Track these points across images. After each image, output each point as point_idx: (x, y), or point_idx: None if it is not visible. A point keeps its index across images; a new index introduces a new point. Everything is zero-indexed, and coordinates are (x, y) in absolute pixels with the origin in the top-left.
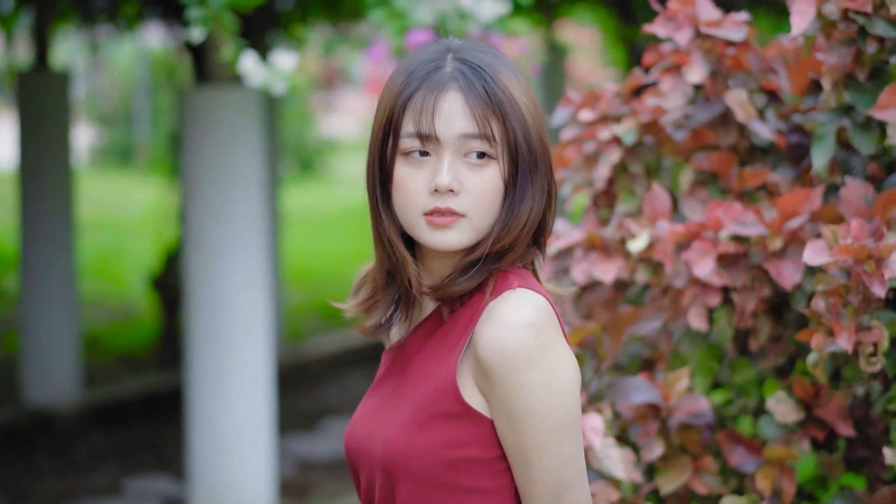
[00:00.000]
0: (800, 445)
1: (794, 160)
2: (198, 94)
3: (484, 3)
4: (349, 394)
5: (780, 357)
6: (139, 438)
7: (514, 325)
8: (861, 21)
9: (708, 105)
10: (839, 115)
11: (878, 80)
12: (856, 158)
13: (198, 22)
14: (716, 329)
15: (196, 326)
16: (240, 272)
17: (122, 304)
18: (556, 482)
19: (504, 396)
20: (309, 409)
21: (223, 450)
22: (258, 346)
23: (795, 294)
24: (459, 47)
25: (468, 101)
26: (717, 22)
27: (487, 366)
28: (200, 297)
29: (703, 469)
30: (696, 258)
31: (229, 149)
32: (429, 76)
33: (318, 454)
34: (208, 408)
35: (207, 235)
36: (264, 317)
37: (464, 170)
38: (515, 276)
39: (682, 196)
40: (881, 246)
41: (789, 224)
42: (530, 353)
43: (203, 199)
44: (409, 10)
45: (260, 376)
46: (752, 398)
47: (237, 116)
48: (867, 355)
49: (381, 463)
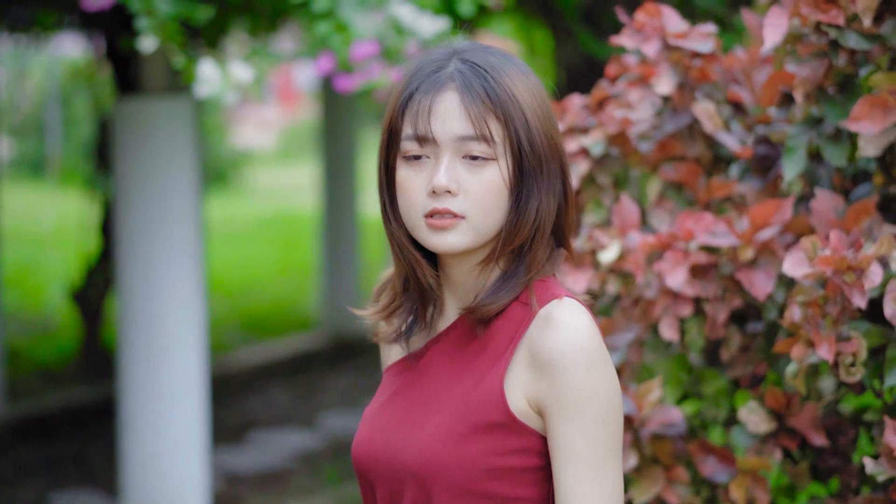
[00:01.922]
0: (772, 455)
1: (761, 171)
2: (130, 105)
3: (423, 19)
4: (274, 406)
5: (749, 367)
6: (65, 453)
7: (579, 329)
8: (833, 34)
9: (675, 116)
10: (809, 127)
11: (847, 93)
12: (822, 170)
13: (147, 31)
14: (687, 339)
15: (128, 339)
16: (173, 285)
17: (40, 317)
18: (598, 471)
19: (565, 394)
20: (235, 422)
21: (155, 464)
22: (191, 359)
23: (767, 304)
24: (466, 48)
25: (464, 101)
26: (684, 34)
27: (550, 367)
28: (132, 309)
29: (675, 480)
30: (668, 269)
31: (163, 160)
32: (428, 77)
33: (246, 467)
34: (140, 421)
35: (140, 248)
36: (196, 329)
37: (463, 171)
38: (553, 285)
39: (649, 207)
40: (860, 257)
41: (760, 235)
42: (592, 354)
43: (135, 211)
44: (351, 23)
45: (193, 389)
46: (721, 408)
47: (171, 127)
48: (847, 366)
49: (414, 474)
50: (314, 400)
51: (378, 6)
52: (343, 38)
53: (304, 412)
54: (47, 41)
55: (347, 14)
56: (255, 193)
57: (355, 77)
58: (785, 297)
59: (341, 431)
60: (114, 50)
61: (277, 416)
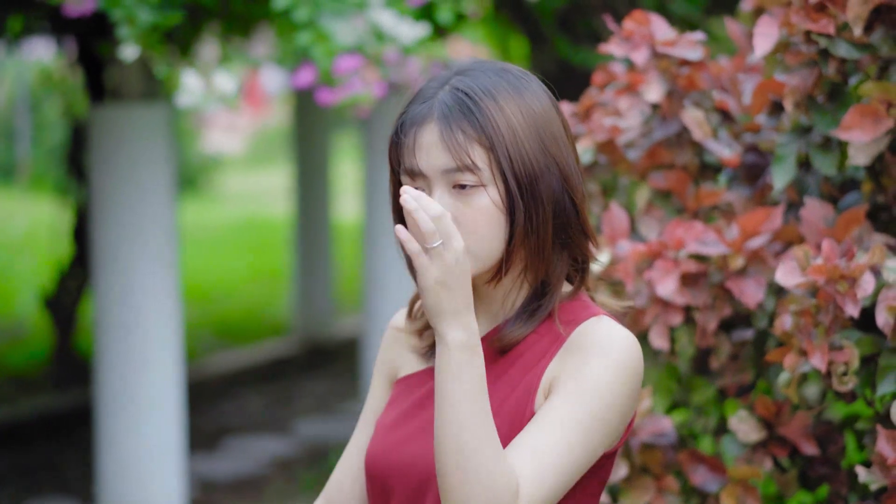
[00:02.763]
0: (762, 464)
1: (749, 179)
2: (107, 111)
3: (404, 26)
4: (248, 412)
5: (739, 376)
6: (38, 460)
7: (620, 336)
8: (824, 43)
9: (664, 124)
10: (799, 135)
11: (836, 102)
12: (811, 178)
13: (129, 40)
14: (677, 348)
15: (104, 346)
16: (149, 291)
17: (12, 324)
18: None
19: (573, 371)
20: (208, 429)
21: (131, 471)
22: (167, 366)
23: (757, 313)
24: (464, 69)
25: (443, 134)
26: (672, 41)
27: (579, 349)
28: (108, 316)
29: (665, 489)
30: (658, 277)
31: (139, 167)
32: (414, 109)
33: (222, 474)
34: (116, 428)
35: (116, 255)
36: (173, 336)
37: (454, 201)
38: (590, 304)
39: (638, 215)
40: (853, 266)
41: (750, 243)
42: (621, 359)
43: (111, 218)
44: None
45: (169, 396)
46: (711, 417)
47: (148, 134)
48: (839, 375)
49: None
50: (288, 406)
51: (358, 12)
52: (324, 48)
53: (279, 418)
54: (18, 46)
55: (328, 24)
56: (226, 199)
57: (337, 91)
58: (775, 305)
59: (316, 438)
60: (85, 55)
61: (252, 423)
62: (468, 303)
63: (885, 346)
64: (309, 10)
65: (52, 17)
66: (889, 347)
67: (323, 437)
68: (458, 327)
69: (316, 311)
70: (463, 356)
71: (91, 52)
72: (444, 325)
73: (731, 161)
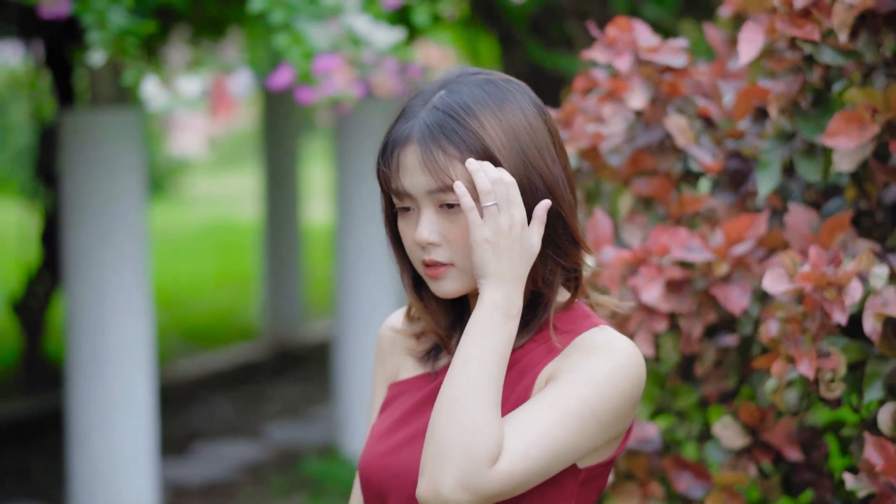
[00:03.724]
0: (746, 470)
1: (732, 186)
2: (78, 116)
3: (379, 30)
4: (218, 417)
5: (722, 382)
6: (8, 466)
7: (621, 344)
8: (809, 49)
9: (648, 131)
10: (783, 141)
11: (820, 108)
12: (794, 184)
13: (98, 45)
14: (661, 355)
15: (75, 351)
16: (121, 296)
17: None
18: (535, 424)
19: (570, 366)
20: (179, 433)
21: (103, 476)
22: (139, 370)
23: (742, 319)
24: (449, 82)
25: (424, 156)
26: (656, 48)
27: (578, 348)
28: (81, 320)
29: (650, 495)
30: (643, 284)
31: (111, 172)
32: (399, 128)
33: (192, 479)
34: (88, 434)
35: (87, 259)
36: (144, 340)
37: (442, 220)
38: (590, 314)
39: (621, 221)
40: (840, 273)
41: (735, 249)
42: (621, 362)
43: (83, 223)
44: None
45: (141, 401)
46: (695, 423)
47: (119, 139)
48: (827, 381)
49: None
50: (258, 410)
51: (334, 16)
52: (301, 50)
53: (249, 423)
54: None
55: (303, 26)
56: (193, 202)
57: (316, 90)
58: (759, 312)
59: (287, 442)
60: (53, 59)
61: (222, 428)
62: (515, 273)
63: (872, 353)
64: (285, 13)
65: (21, 20)
66: (876, 354)
67: (294, 442)
68: (500, 290)
69: (285, 316)
70: (494, 315)
71: (60, 56)
72: (486, 283)
73: (714, 167)
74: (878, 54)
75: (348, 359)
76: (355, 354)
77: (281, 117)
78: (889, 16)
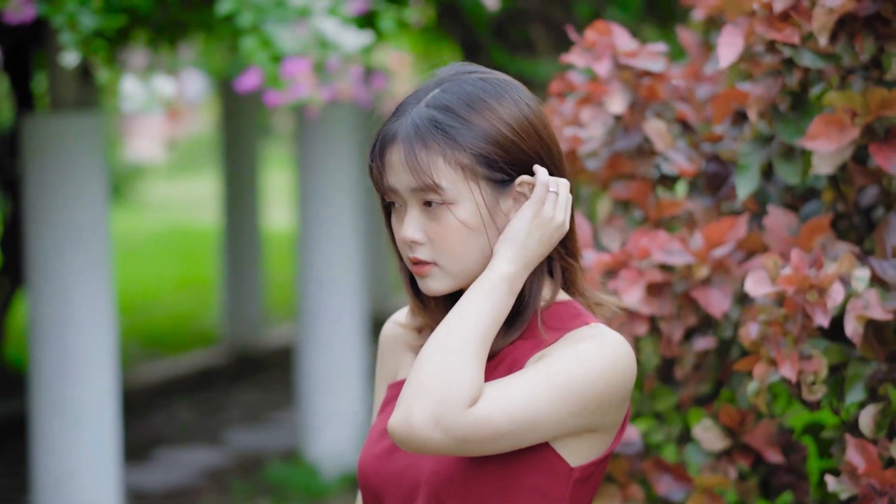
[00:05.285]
0: (726, 473)
1: (711, 189)
2: (40, 120)
3: (347, 34)
4: (178, 423)
5: (703, 385)
6: None
7: (610, 339)
8: (788, 52)
9: (627, 135)
10: (762, 145)
11: (799, 111)
12: (772, 187)
13: (70, 46)
14: (642, 358)
15: (40, 355)
16: (85, 301)
17: None
18: (518, 386)
19: (555, 350)
20: (139, 440)
21: (67, 483)
22: (103, 376)
23: (722, 322)
24: (445, 80)
25: (407, 154)
26: (634, 52)
27: (567, 340)
28: (44, 325)
29: (630, 498)
30: (624, 287)
31: (75, 177)
32: (390, 125)
33: (154, 485)
34: (52, 440)
35: (51, 265)
36: (107, 345)
37: (426, 219)
38: (580, 311)
39: (599, 225)
40: (822, 276)
41: (715, 252)
42: (606, 352)
43: (47, 227)
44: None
45: (105, 407)
46: (675, 426)
47: (82, 143)
48: (809, 384)
49: (432, 487)
50: (219, 416)
51: (302, 20)
52: (269, 53)
53: (209, 429)
54: None
55: (271, 29)
56: (150, 207)
57: (284, 94)
58: (739, 314)
59: (248, 447)
60: (11, 64)
61: (182, 434)
62: (533, 257)
63: (853, 355)
64: (253, 15)
65: None
66: (857, 356)
67: (255, 448)
68: (515, 264)
69: (245, 321)
70: (501, 286)
71: (20, 60)
72: (506, 251)
73: (690, 171)
74: (855, 58)
75: (311, 364)
76: (318, 359)
77: (239, 122)
78: (868, 19)
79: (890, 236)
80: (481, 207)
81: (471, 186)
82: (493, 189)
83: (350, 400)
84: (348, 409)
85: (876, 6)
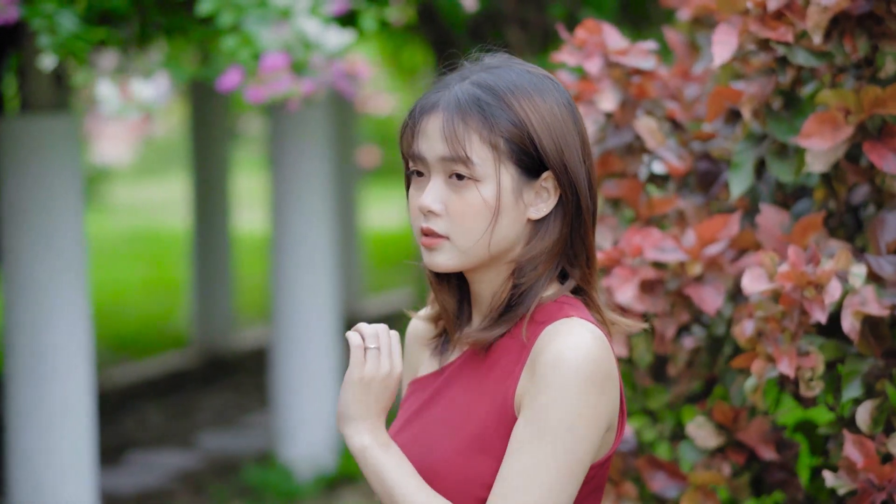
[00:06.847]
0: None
1: (702, 187)
2: (15, 123)
3: (330, 33)
4: (150, 426)
5: (695, 382)
6: None
7: (580, 346)
8: (782, 51)
9: (618, 133)
10: (755, 143)
11: (792, 109)
12: (763, 186)
13: (49, 49)
14: (635, 355)
15: (16, 359)
16: (61, 305)
17: None
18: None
19: (537, 395)
20: (111, 443)
21: (42, 488)
22: (78, 380)
23: (714, 319)
24: (491, 66)
25: (446, 124)
26: (625, 50)
27: (542, 371)
28: (21, 329)
29: (624, 495)
30: (617, 285)
31: (50, 179)
32: (430, 95)
33: (127, 489)
34: (28, 445)
35: (27, 269)
36: (83, 349)
37: (449, 191)
38: (570, 307)
39: None
40: (819, 272)
41: (708, 250)
42: (583, 373)
43: (23, 230)
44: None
45: (80, 411)
46: (668, 423)
47: (58, 146)
48: (806, 380)
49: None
50: (190, 419)
51: (283, 19)
52: (250, 51)
53: (181, 432)
54: None
55: (252, 28)
56: (116, 210)
57: (265, 89)
58: (732, 312)
59: (220, 450)
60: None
61: (154, 437)
62: (379, 410)
63: (850, 352)
64: (234, 14)
65: None
66: (854, 353)
67: (227, 450)
68: (364, 431)
69: (215, 323)
70: (369, 456)
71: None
72: (349, 429)
73: (680, 170)
74: (848, 56)
75: (285, 366)
76: (292, 362)
77: (208, 125)
78: (861, 18)
79: (884, 233)
80: (505, 191)
81: (499, 169)
82: (520, 177)
83: (324, 402)
84: (322, 411)
85: (869, 5)
